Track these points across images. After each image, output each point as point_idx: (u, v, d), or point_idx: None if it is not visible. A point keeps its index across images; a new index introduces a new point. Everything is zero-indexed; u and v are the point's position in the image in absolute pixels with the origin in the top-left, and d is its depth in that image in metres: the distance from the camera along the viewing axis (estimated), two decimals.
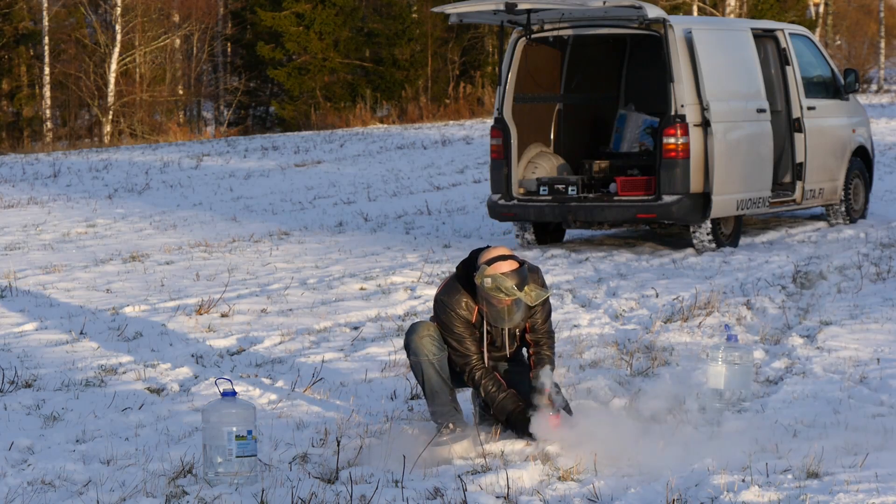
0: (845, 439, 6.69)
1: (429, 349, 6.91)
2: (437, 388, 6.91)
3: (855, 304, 10.71)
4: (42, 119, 40.55)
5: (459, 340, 6.90)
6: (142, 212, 18.56)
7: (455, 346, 6.90)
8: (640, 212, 13.85)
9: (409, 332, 7.00)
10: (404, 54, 40.40)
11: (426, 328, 6.94)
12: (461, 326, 6.87)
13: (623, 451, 6.58)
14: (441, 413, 6.91)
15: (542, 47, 14.90)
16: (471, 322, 6.88)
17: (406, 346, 6.99)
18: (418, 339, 6.91)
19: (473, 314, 6.89)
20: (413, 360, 6.95)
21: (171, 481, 6.34)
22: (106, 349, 9.50)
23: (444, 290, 6.94)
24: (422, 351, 6.90)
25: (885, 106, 32.62)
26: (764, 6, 40.01)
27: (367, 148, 27.34)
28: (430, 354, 6.90)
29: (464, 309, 6.87)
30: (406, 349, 7.00)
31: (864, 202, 16.37)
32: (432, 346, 6.92)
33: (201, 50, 44.09)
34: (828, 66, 16.08)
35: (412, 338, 6.93)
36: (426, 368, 6.91)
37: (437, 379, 6.91)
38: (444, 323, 6.91)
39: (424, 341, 6.91)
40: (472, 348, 6.90)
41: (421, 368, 6.92)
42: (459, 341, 6.90)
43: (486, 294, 6.73)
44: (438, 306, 6.93)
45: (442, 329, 6.93)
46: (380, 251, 14.38)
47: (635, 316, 10.47)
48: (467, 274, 6.89)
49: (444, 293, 6.92)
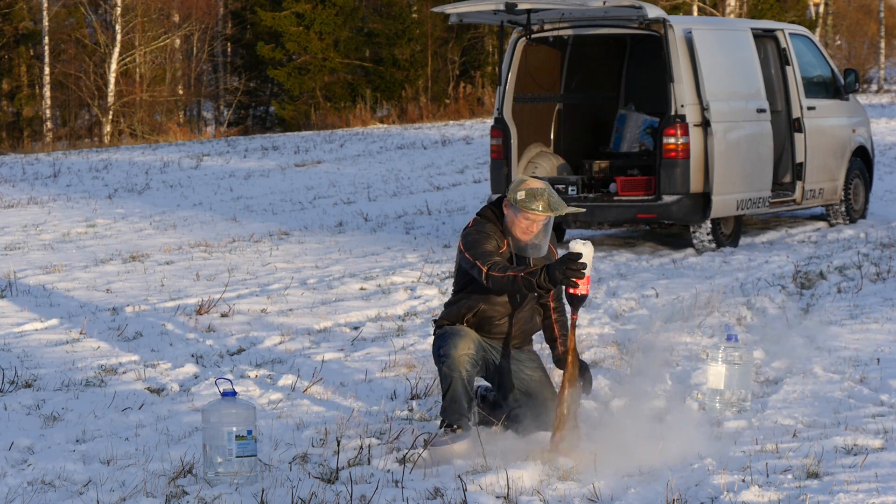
0: (845, 439, 6.69)
1: (465, 366, 6.89)
2: (459, 398, 6.91)
3: (855, 304, 10.71)
4: (42, 119, 40.55)
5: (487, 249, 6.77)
6: (142, 212, 18.56)
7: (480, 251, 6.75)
8: (640, 212, 13.86)
9: (446, 342, 6.91)
10: (404, 54, 40.40)
11: (466, 345, 6.89)
12: (494, 243, 6.83)
13: (623, 451, 6.58)
14: (451, 412, 6.90)
15: (542, 47, 14.90)
16: (499, 247, 6.86)
17: (441, 355, 6.92)
18: (457, 356, 6.87)
19: (504, 246, 6.90)
20: (445, 372, 6.90)
21: (171, 481, 6.34)
22: (106, 349, 9.50)
23: (473, 224, 6.98)
24: (457, 367, 6.88)
25: (885, 106, 32.62)
26: (764, 6, 40.00)
27: (367, 148, 27.35)
28: (465, 371, 6.89)
29: (496, 234, 6.88)
30: (439, 357, 6.93)
31: (864, 202, 16.37)
32: (468, 363, 6.90)
33: (201, 50, 44.09)
34: (828, 66, 16.08)
35: (451, 352, 6.87)
36: (456, 383, 6.89)
37: (462, 391, 6.90)
38: (473, 242, 6.81)
39: (463, 359, 6.88)
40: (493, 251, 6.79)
41: (451, 380, 6.89)
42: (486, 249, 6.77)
43: (517, 215, 6.79)
44: (469, 233, 6.87)
45: (470, 244, 6.82)
46: (380, 251, 14.38)
47: (635, 316, 10.47)
48: (494, 211, 6.95)
49: (473, 226, 6.95)
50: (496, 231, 6.91)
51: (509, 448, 6.76)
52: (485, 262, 6.73)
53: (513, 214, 6.86)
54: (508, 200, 6.86)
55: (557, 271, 6.50)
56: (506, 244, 6.91)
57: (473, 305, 7.01)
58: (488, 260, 6.74)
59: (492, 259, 6.74)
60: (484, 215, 6.99)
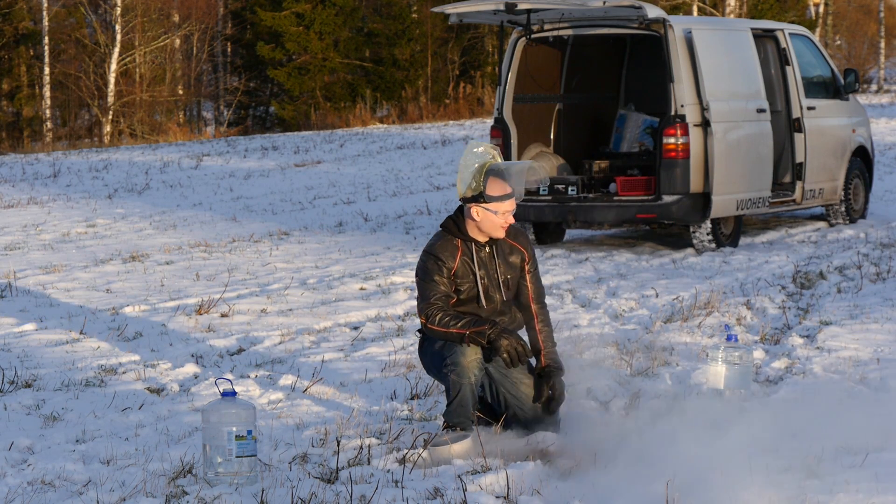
0: (845, 439, 6.68)
1: (474, 372, 6.89)
2: (466, 403, 6.92)
3: (855, 304, 10.71)
4: (42, 119, 40.55)
5: (432, 286, 6.84)
6: (142, 212, 18.56)
7: (426, 287, 6.86)
8: (640, 212, 13.86)
9: (453, 350, 6.88)
10: (404, 54, 40.40)
11: (473, 351, 6.88)
12: (437, 275, 6.84)
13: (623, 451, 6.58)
14: (457, 415, 6.91)
15: (542, 47, 14.90)
16: (450, 271, 6.85)
17: (449, 364, 6.90)
18: (466, 363, 6.86)
19: (456, 259, 6.87)
20: (454, 379, 6.89)
21: (171, 481, 6.34)
22: (106, 349, 9.50)
23: (431, 240, 6.99)
24: (466, 374, 6.87)
25: (885, 106, 32.62)
26: (764, 6, 40.00)
27: (367, 148, 27.34)
28: (473, 377, 6.90)
29: (448, 255, 6.86)
30: (447, 366, 6.92)
31: (864, 202, 16.37)
32: (477, 367, 6.90)
33: (201, 50, 44.09)
34: (828, 66, 16.08)
35: (460, 360, 6.86)
36: (465, 389, 6.90)
37: (470, 396, 6.92)
38: (423, 270, 6.89)
39: (472, 365, 6.88)
40: (440, 292, 6.84)
41: (461, 387, 6.90)
42: (432, 287, 6.84)
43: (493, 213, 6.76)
44: (422, 256, 6.93)
45: (418, 278, 6.92)
46: (380, 251, 14.38)
47: (635, 316, 10.47)
48: (455, 221, 6.93)
49: (429, 243, 6.97)
50: (452, 249, 6.87)
51: (509, 448, 6.76)
52: (425, 309, 6.82)
53: (490, 214, 6.83)
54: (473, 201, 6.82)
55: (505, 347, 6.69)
56: (457, 261, 6.87)
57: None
58: (430, 306, 6.81)
59: (434, 305, 6.80)
60: (445, 227, 6.96)
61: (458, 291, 6.93)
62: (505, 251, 6.99)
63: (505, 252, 7.00)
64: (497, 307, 7.01)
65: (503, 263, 6.98)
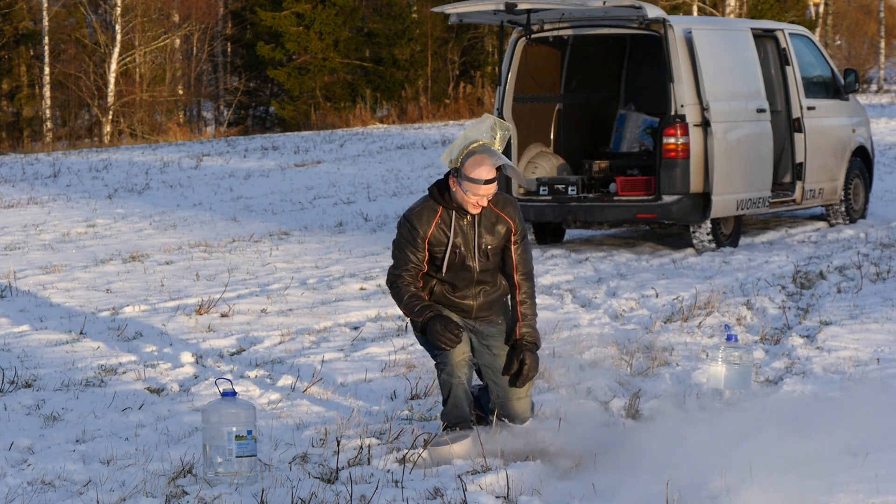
0: (845, 439, 6.68)
1: (463, 370, 6.90)
2: (460, 403, 6.93)
3: (855, 304, 10.71)
4: (42, 119, 40.55)
5: (403, 257, 6.89)
6: (142, 212, 18.56)
7: (397, 256, 6.91)
8: (640, 212, 13.86)
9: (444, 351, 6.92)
10: (404, 54, 40.40)
11: (462, 349, 6.88)
12: (411, 244, 6.86)
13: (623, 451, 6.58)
14: (452, 416, 6.91)
15: (542, 47, 14.90)
16: (424, 239, 6.84)
17: (439, 363, 6.93)
18: (455, 362, 6.87)
19: (432, 226, 6.85)
20: (444, 378, 6.91)
21: (171, 481, 6.34)
22: (106, 349, 9.50)
23: (414, 203, 6.98)
24: (455, 373, 6.89)
25: (885, 106, 32.61)
26: (764, 6, 40.00)
27: (367, 148, 27.34)
28: (463, 375, 6.90)
29: (423, 222, 6.85)
30: (436, 364, 6.96)
31: (864, 202, 16.37)
32: (466, 365, 6.91)
33: (201, 50, 44.09)
34: (828, 66, 16.08)
35: (448, 359, 6.87)
36: (456, 389, 6.91)
37: (462, 396, 6.92)
38: (398, 235, 6.92)
39: (461, 364, 6.89)
40: (410, 265, 6.88)
41: (451, 386, 6.91)
42: (403, 258, 6.89)
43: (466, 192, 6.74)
44: (400, 220, 6.94)
45: (394, 243, 6.96)
46: (380, 251, 14.38)
47: (635, 316, 10.47)
48: (440, 189, 6.90)
49: (410, 207, 6.97)
50: (429, 215, 6.85)
51: (509, 448, 6.76)
52: (391, 278, 6.92)
53: (461, 190, 6.79)
54: (455, 174, 6.81)
55: (435, 332, 6.73)
56: (432, 227, 6.84)
57: (428, 283, 7.00)
58: (397, 278, 6.89)
59: (399, 277, 6.89)
60: (431, 193, 6.93)
61: (433, 257, 6.91)
62: (490, 220, 6.92)
63: (490, 221, 6.92)
64: (474, 276, 6.96)
65: (486, 232, 6.91)
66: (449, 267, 6.92)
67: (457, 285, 6.98)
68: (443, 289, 7.00)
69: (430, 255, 6.91)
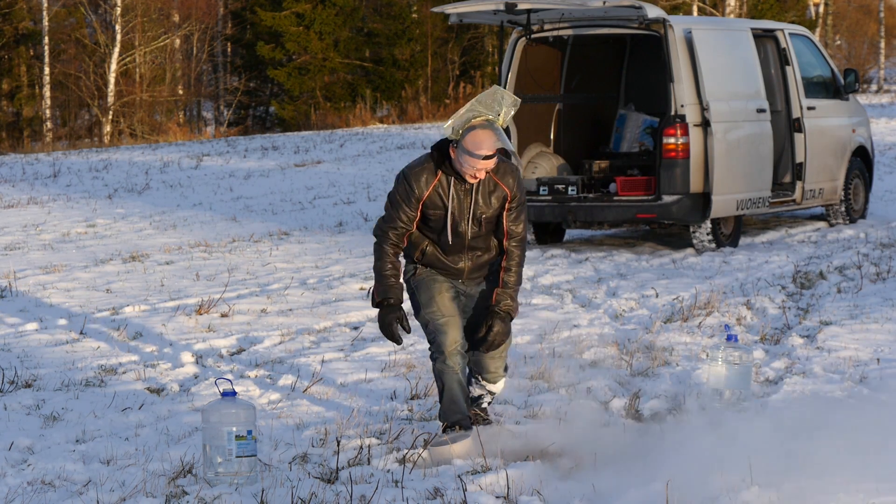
0: (845, 439, 6.68)
1: (457, 359, 6.87)
2: (456, 398, 6.89)
3: (855, 304, 10.71)
4: (42, 119, 40.55)
5: (394, 214, 6.84)
6: (142, 212, 18.56)
7: (389, 211, 6.86)
8: (640, 212, 13.86)
9: (436, 335, 6.88)
10: (404, 54, 40.40)
11: (453, 335, 6.86)
12: (405, 202, 6.81)
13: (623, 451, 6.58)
14: (450, 414, 6.89)
15: (542, 47, 14.90)
16: (419, 200, 6.80)
17: (434, 353, 6.90)
18: (449, 352, 6.85)
19: (429, 188, 6.80)
20: (439, 367, 6.89)
21: (171, 481, 6.34)
22: (106, 349, 9.50)
23: (414, 161, 6.93)
24: (449, 363, 6.85)
25: (885, 106, 32.62)
26: (764, 6, 40.00)
27: (367, 148, 27.34)
28: (457, 366, 6.87)
29: (422, 183, 6.80)
30: (431, 354, 6.93)
31: (864, 202, 16.37)
32: (459, 354, 6.88)
33: (201, 50, 44.09)
34: (828, 66, 16.08)
35: (443, 348, 6.85)
36: (451, 381, 6.88)
37: (458, 388, 6.89)
38: (395, 190, 6.86)
39: (454, 354, 6.85)
40: (399, 224, 6.84)
41: (445, 377, 6.88)
42: (394, 214, 6.84)
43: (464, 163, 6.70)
44: (398, 176, 6.88)
45: (388, 197, 6.90)
46: None
47: (635, 316, 10.47)
48: (441, 147, 6.85)
49: (410, 164, 6.91)
50: (428, 176, 6.80)
51: (509, 448, 6.76)
52: (379, 234, 6.88)
53: (458, 159, 6.74)
54: (454, 144, 6.76)
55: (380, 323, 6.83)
56: (429, 189, 6.79)
57: (420, 242, 6.96)
58: (384, 236, 6.85)
59: (387, 237, 6.85)
60: (430, 154, 6.87)
61: (426, 218, 6.86)
62: (488, 188, 6.86)
63: (487, 189, 6.86)
64: (465, 241, 6.90)
65: (482, 200, 6.85)
66: (441, 231, 6.88)
67: (448, 248, 6.93)
68: (434, 250, 6.96)
69: (423, 216, 6.86)
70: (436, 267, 6.99)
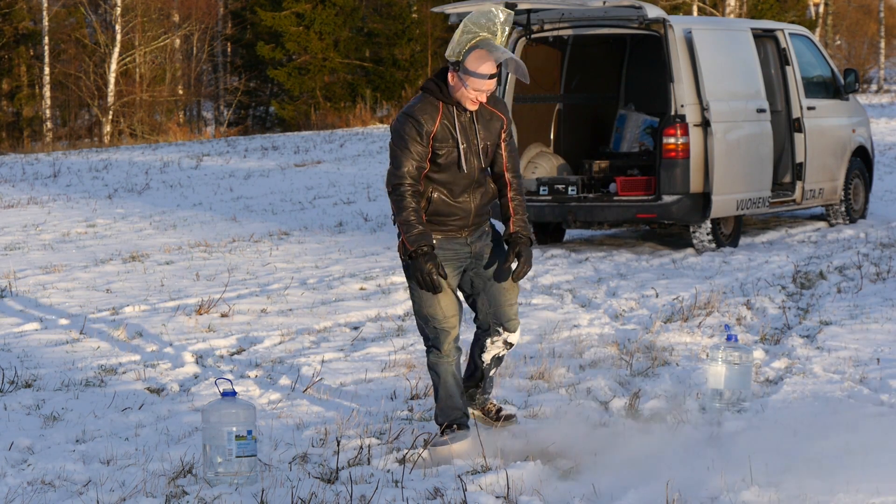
0: (845, 439, 6.69)
1: (452, 354, 6.84)
2: (453, 394, 6.87)
3: (855, 304, 10.71)
4: (42, 119, 40.56)
5: (406, 154, 6.63)
6: (142, 212, 18.56)
7: (398, 155, 6.64)
8: (640, 212, 13.86)
9: (439, 334, 6.83)
10: (404, 54, 40.41)
11: (451, 334, 6.83)
12: (415, 139, 6.62)
13: (623, 451, 6.58)
14: (448, 413, 6.88)
15: (542, 47, 14.90)
16: (429, 135, 6.64)
17: (431, 346, 6.86)
18: (445, 350, 6.84)
19: (436, 121, 6.66)
20: (433, 360, 6.85)
21: (171, 481, 6.34)
22: (106, 349, 9.50)
23: (411, 101, 6.79)
24: (444, 356, 6.82)
25: (885, 106, 32.63)
26: (764, 6, 40.01)
27: (367, 148, 27.34)
28: (453, 359, 6.84)
29: (428, 116, 6.65)
30: (430, 348, 6.88)
31: (864, 202, 16.37)
32: (455, 348, 6.85)
33: (201, 50, 44.10)
34: (828, 66, 16.08)
35: (439, 344, 6.83)
36: (447, 376, 6.84)
37: (453, 383, 6.86)
38: (399, 134, 6.66)
39: (451, 349, 6.83)
40: (413, 161, 6.62)
41: (441, 369, 6.85)
42: (406, 154, 6.63)
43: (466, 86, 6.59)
44: (399, 118, 6.70)
45: (393, 143, 6.71)
46: (380, 251, 14.38)
47: (635, 316, 10.47)
48: (437, 84, 6.72)
49: (408, 105, 6.76)
50: (432, 111, 6.66)
51: (509, 448, 6.76)
52: (395, 183, 6.62)
53: (460, 83, 6.63)
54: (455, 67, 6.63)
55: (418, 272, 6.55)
56: (437, 123, 6.65)
57: (426, 190, 6.77)
58: (401, 183, 6.60)
59: (404, 183, 6.61)
60: (427, 89, 6.74)
61: (436, 156, 6.69)
62: (485, 117, 6.79)
63: (485, 118, 6.79)
64: (474, 175, 6.79)
65: (483, 129, 6.78)
66: (450, 166, 6.73)
67: (455, 188, 6.79)
68: (441, 194, 6.77)
69: (433, 154, 6.69)
70: (442, 215, 6.80)
